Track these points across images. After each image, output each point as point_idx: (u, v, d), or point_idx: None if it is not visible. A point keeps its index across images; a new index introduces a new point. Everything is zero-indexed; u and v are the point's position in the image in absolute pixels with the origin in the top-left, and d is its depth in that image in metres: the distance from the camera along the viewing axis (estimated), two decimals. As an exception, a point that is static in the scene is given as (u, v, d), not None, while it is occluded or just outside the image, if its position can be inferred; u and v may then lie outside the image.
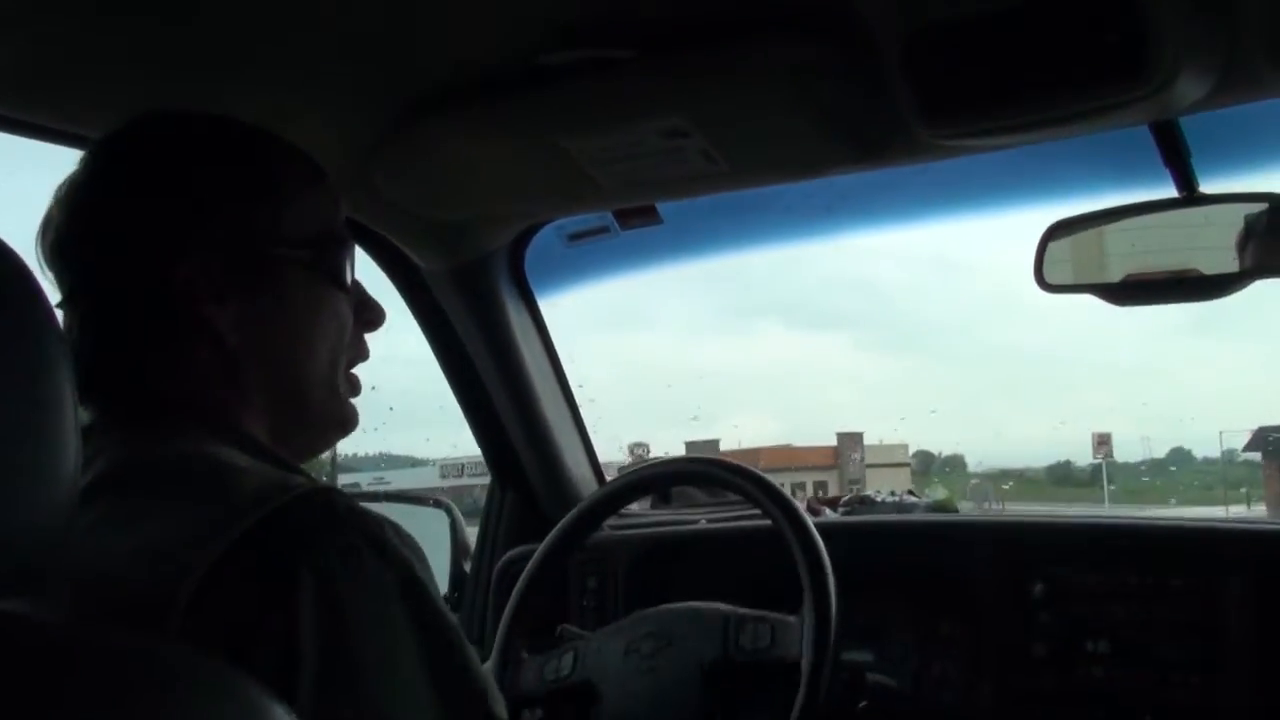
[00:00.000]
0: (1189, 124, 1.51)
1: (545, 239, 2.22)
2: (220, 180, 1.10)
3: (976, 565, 1.94)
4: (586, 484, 2.45)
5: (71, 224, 1.08)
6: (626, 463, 3.11)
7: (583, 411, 2.46)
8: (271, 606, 0.85)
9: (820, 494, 2.76)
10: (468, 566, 2.49)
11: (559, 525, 1.93)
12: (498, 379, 2.29)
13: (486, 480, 2.57)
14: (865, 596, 1.72)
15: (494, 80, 1.56)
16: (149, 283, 1.06)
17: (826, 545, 1.68)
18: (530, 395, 2.31)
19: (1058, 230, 1.69)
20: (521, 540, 2.37)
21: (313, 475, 1.05)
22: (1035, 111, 1.30)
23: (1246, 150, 1.62)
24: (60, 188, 1.11)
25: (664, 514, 2.49)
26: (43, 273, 1.10)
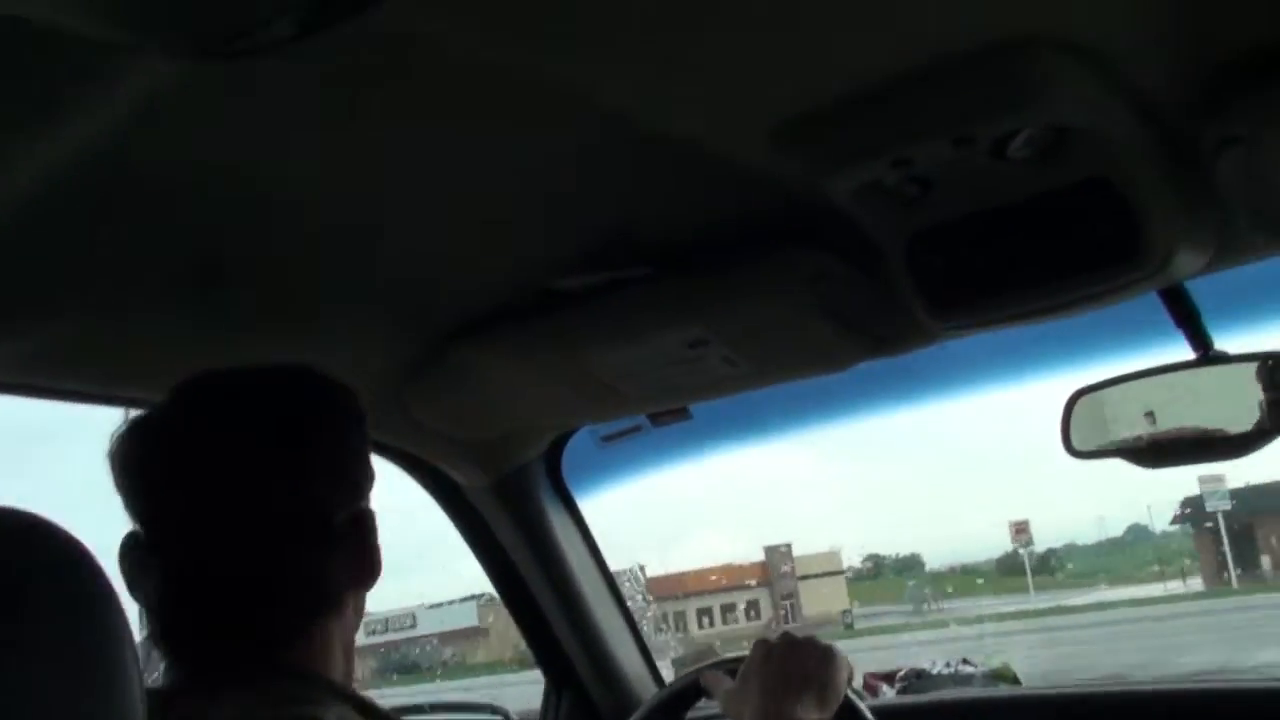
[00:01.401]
0: (1202, 283, 1.54)
1: (580, 441, 2.26)
2: (335, 430, 1.17)
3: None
4: (641, 681, 2.44)
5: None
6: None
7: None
8: None
9: (752, 614, 2.71)
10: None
11: None
12: (545, 584, 2.31)
13: (409, 635, 2.59)
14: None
15: (517, 307, 1.62)
16: (267, 534, 1.09)
17: None
18: (578, 597, 2.32)
19: (1081, 395, 1.71)
20: (581, 742, 2.36)
21: None
22: (1038, 300, 1.33)
23: (1260, 305, 1.65)
24: (154, 429, 1.15)
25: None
26: (130, 518, 1.12)
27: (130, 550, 1.12)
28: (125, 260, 1.28)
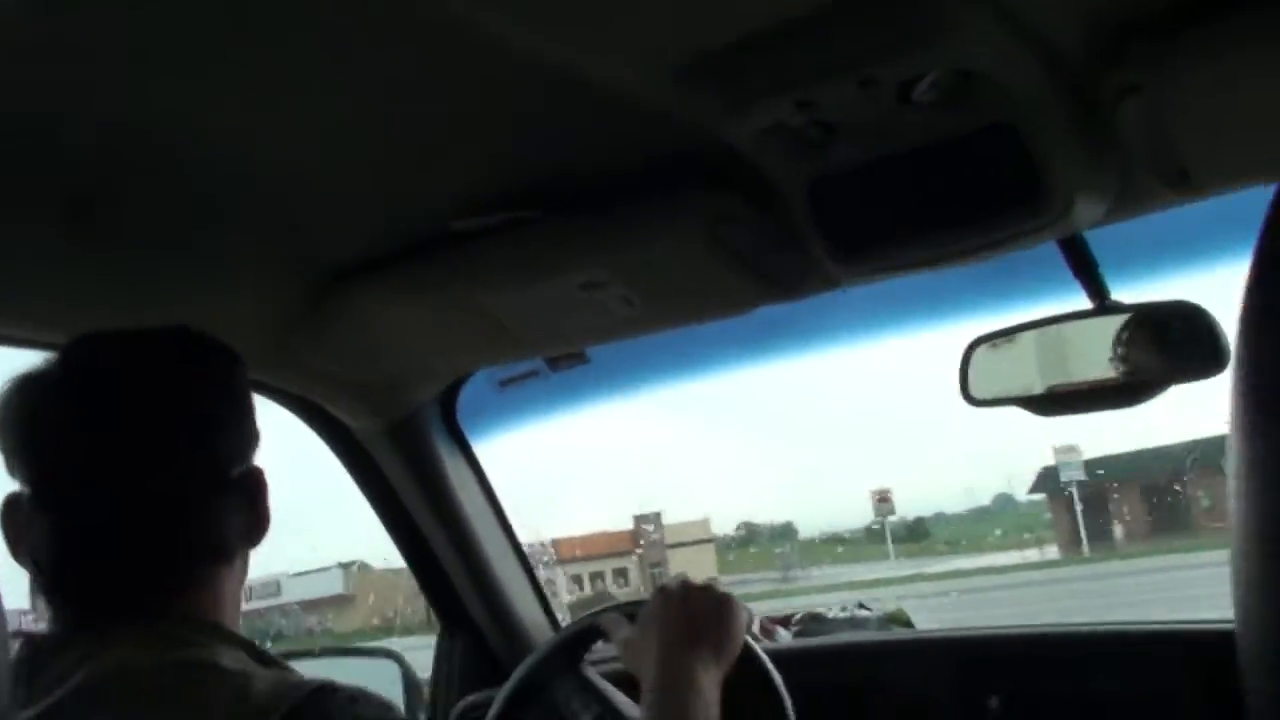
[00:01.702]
0: (1100, 233, 1.54)
1: (476, 385, 2.22)
2: (222, 398, 1.18)
3: (933, 681, 1.93)
4: (538, 626, 2.43)
5: (80, 425, 1.10)
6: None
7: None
8: None
9: (620, 581, 2.72)
10: (421, 716, 2.45)
11: (518, 672, 1.89)
12: (439, 529, 2.27)
13: (274, 602, 2.58)
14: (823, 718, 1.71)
15: (408, 247, 1.59)
16: (160, 489, 1.10)
17: (780, 671, 1.66)
18: (473, 542, 2.29)
19: (979, 344, 1.71)
20: (474, 687, 2.35)
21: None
22: (939, 246, 1.32)
23: (1156, 256, 1.66)
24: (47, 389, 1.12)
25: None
26: (11, 475, 1.11)
27: (12, 509, 1.12)
28: None
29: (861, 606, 2.43)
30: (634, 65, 1.12)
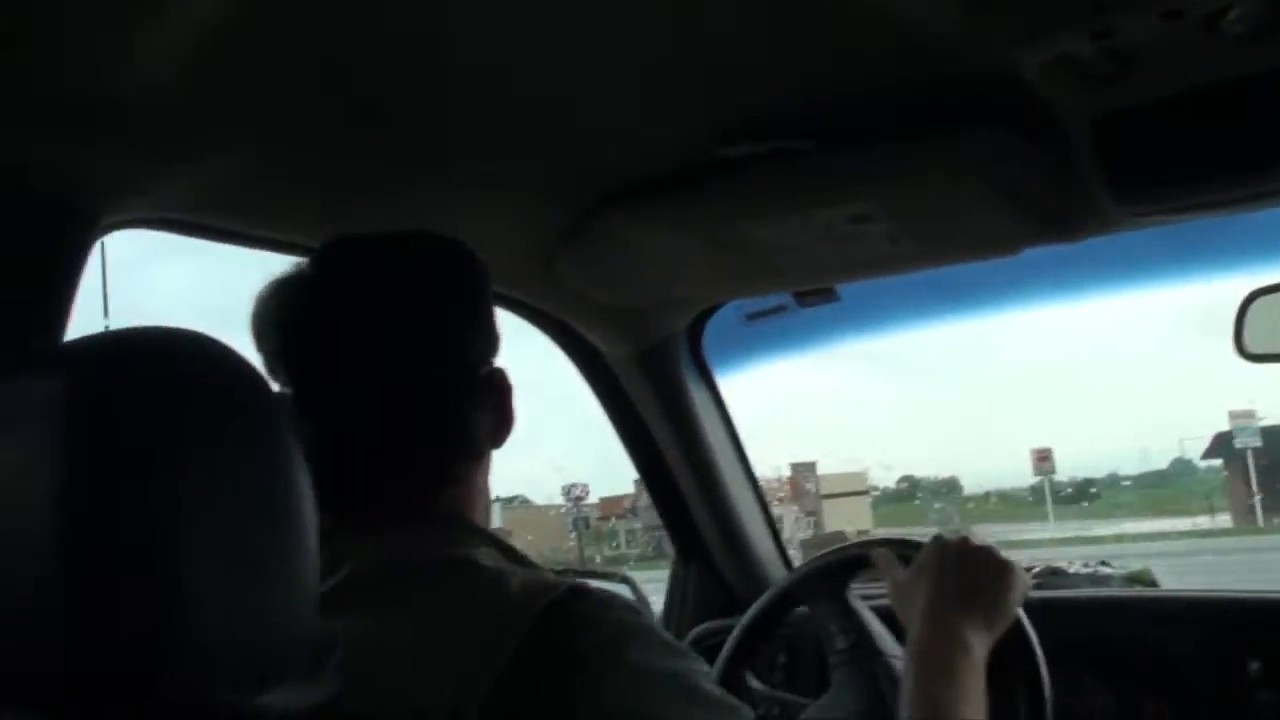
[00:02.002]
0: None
1: (723, 318, 2.23)
2: (468, 300, 1.20)
3: (1183, 642, 1.87)
4: (770, 560, 2.45)
5: (338, 328, 1.14)
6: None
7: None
8: (571, 690, 0.94)
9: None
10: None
11: (755, 606, 1.90)
12: (681, 458, 2.31)
13: None
14: (1064, 675, 1.67)
15: (675, 172, 1.59)
16: (418, 388, 1.14)
17: None
18: (713, 473, 2.32)
19: (1257, 296, 1.64)
20: (707, 615, 2.39)
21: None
22: (1230, 189, 1.27)
23: None
24: (301, 293, 1.16)
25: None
26: (272, 377, 1.15)
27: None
28: (283, 102, 1.27)
29: (1104, 564, 2.36)
30: None
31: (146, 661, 0.74)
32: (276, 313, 1.15)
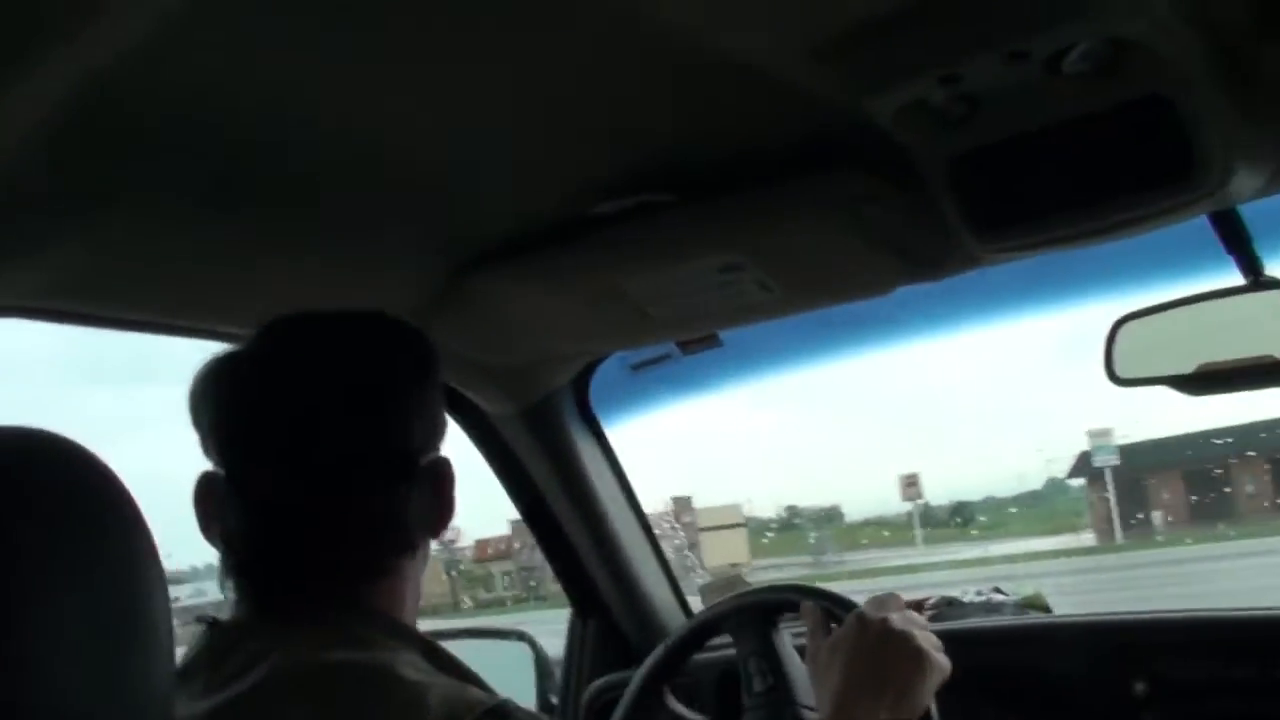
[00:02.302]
0: (1252, 206, 1.49)
1: (608, 369, 2.23)
2: (413, 385, 1.17)
3: (1074, 665, 1.90)
4: (669, 609, 2.44)
5: (272, 407, 1.11)
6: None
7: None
8: None
9: None
10: (554, 698, 2.47)
11: (652, 657, 1.89)
12: (572, 512, 2.29)
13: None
14: (962, 706, 1.68)
15: (546, 231, 1.59)
16: (352, 474, 1.10)
17: None
18: (606, 526, 2.31)
19: (1125, 322, 1.67)
20: (606, 669, 2.37)
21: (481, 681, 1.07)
22: (1087, 222, 1.28)
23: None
24: (238, 371, 1.14)
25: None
26: (206, 455, 1.13)
27: (208, 487, 1.13)
28: (150, 181, 1.24)
29: (997, 590, 2.39)
30: (772, 40, 1.11)
31: None
32: (214, 390, 1.13)
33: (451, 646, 1.11)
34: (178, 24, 0.92)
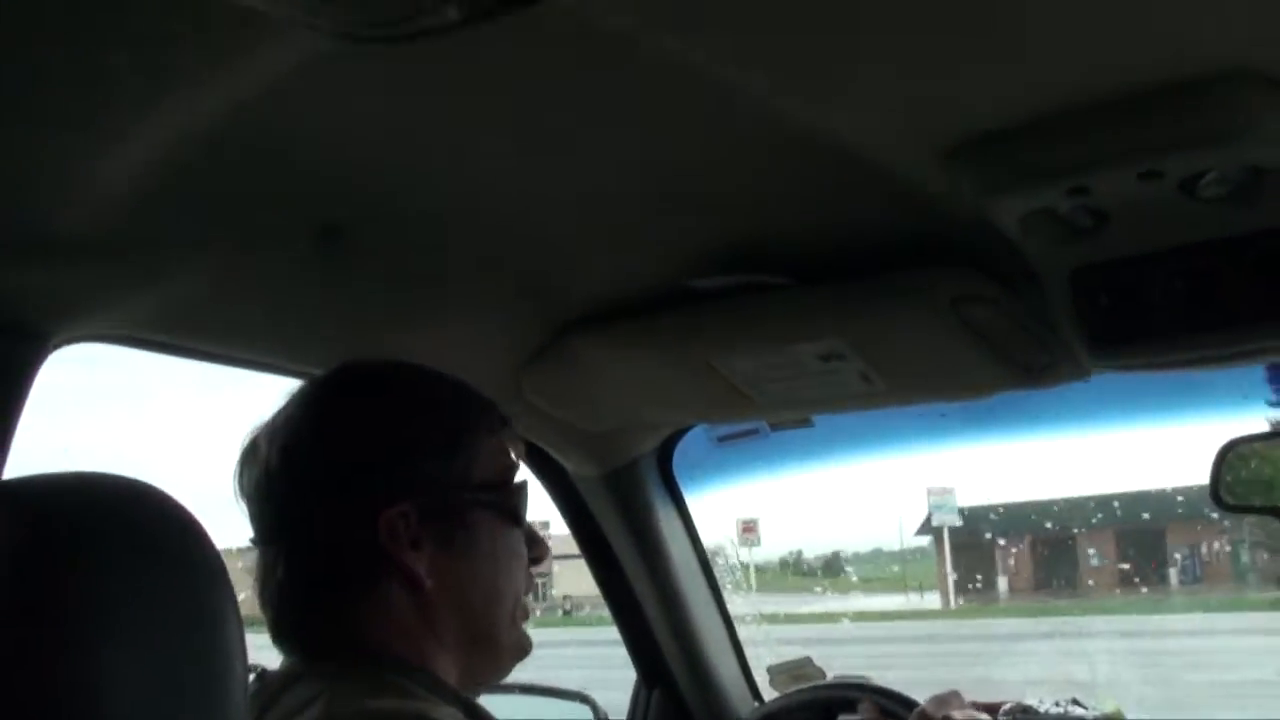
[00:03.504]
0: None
1: (694, 439, 2.21)
2: (422, 433, 1.16)
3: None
4: (735, 686, 2.39)
5: (284, 466, 1.13)
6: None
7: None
8: None
9: None
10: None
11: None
12: (646, 580, 2.26)
13: None
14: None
15: (646, 299, 1.58)
16: (356, 529, 1.10)
17: None
18: (679, 597, 2.27)
19: (1235, 446, 1.62)
20: (668, 741, 2.32)
21: None
22: (1208, 347, 1.24)
23: None
24: (268, 429, 1.16)
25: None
26: (237, 502, 1.16)
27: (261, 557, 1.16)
28: (253, 220, 1.25)
29: (1076, 703, 2.30)
30: (904, 141, 1.09)
31: None
32: (251, 462, 1.16)
33: (513, 703, 1.10)
34: (310, 71, 0.92)
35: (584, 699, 2.51)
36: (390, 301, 1.52)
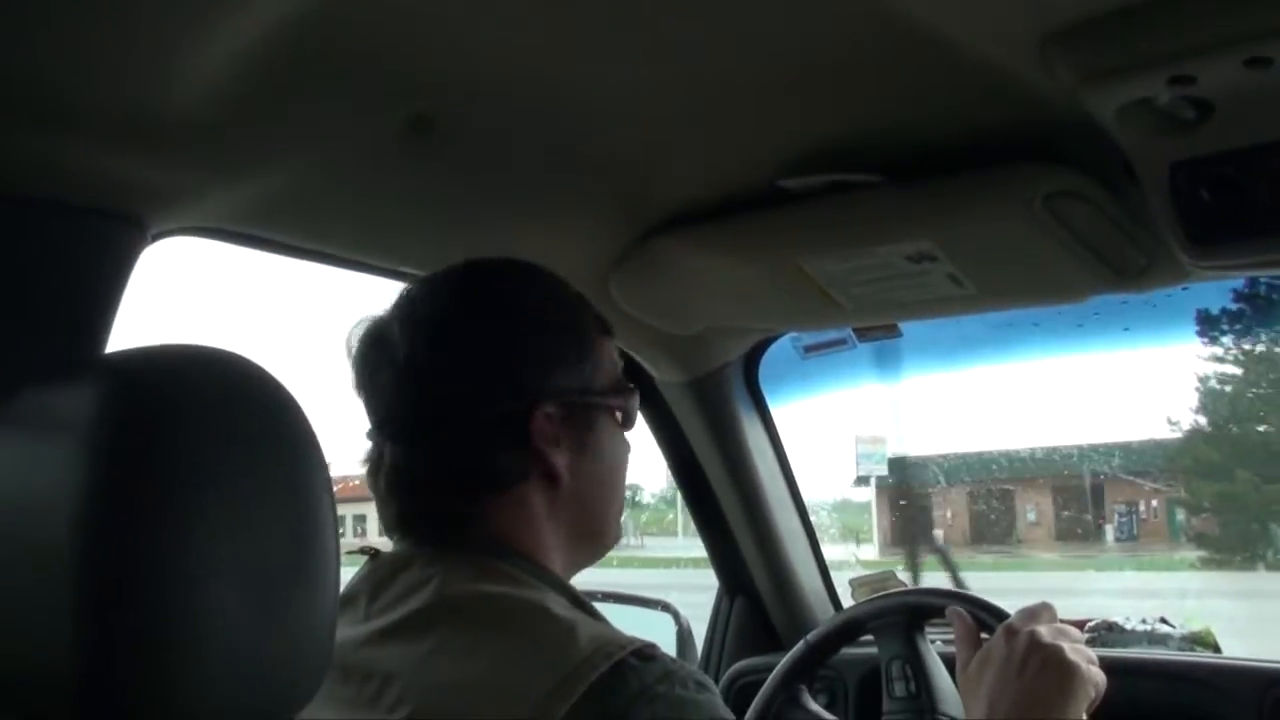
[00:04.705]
0: None
1: (781, 348, 2.20)
2: (561, 334, 1.19)
3: (1239, 713, 1.80)
4: (817, 597, 2.39)
5: (431, 357, 1.15)
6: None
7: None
8: None
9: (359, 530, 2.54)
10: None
11: (793, 652, 1.87)
12: (730, 488, 2.26)
13: None
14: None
15: (734, 200, 1.57)
16: (511, 424, 1.13)
17: None
18: (762, 506, 2.28)
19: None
20: (748, 650, 2.35)
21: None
22: None
23: None
24: (400, 320, 1.18)
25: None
26: (358, 394, 1.19)
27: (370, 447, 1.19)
28: (346, 112, 1.26)
29: (1163, 621, 2.28)
30: (1002, 27, 1.07)
31: (164, 687, 0.73)
32: (360, 349, 1.19)
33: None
34: None
35: (666, 607, 2.53)
36: (483, 199, 1.52)
